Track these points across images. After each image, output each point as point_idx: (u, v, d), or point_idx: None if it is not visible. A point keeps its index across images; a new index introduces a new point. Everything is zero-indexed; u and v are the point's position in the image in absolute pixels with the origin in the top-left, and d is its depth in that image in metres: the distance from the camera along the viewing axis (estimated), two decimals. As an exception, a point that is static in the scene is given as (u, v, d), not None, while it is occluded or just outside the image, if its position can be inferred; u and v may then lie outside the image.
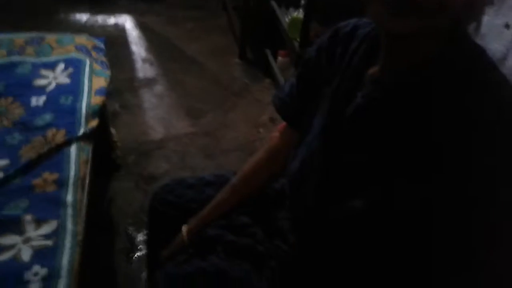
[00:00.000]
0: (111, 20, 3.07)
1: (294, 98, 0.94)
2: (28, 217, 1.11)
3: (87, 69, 1.59)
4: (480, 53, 0.66)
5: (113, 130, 1.95)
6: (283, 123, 1.23)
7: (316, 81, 0.86)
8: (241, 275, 0.92)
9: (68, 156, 1.28)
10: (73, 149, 1.30)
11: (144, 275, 1.57)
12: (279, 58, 2.48)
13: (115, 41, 2.79)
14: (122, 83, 2.46)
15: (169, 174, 1.96)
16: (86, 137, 1.36)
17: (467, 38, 0.66)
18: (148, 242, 1.25)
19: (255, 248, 0.97)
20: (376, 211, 0.70)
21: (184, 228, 1.05)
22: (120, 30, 2.96)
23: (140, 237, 1.73)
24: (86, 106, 1.44)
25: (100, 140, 1.77)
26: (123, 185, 1.92)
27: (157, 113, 2.32)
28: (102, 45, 1.78)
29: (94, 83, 1.55)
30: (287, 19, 2.27)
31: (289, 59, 2.42)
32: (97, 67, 1.63)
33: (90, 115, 1.42)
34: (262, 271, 0.94)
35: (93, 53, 1.70)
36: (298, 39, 2.08)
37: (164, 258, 1.07)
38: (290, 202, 0.95)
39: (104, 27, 2.98)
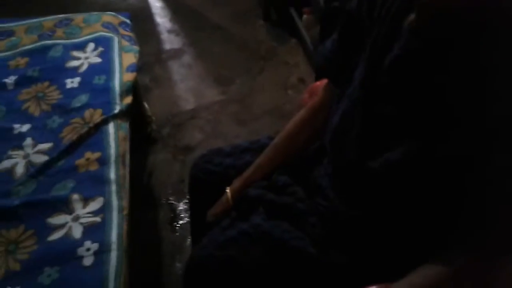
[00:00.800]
0: (134, -8, 3.06)
1: (337, 54, 0.94)
2: (75, 196, 1.17)
3: (116, 46, 1.61)
4: None
5: (146, 105, 1.99)
6: (312, 84, 1.24)
7: (358, 33, 0.86)
8: (282, 235, 0.95)
9: (107, 134, 1.32)
10: (111, 127, 1.34)
11: (189, 242, 1.64)
12: (304, 16, 2.42)
13: (139, 15, 2.79)
14: (151, 56, 2.48)
15: (203, 143, 2.00)
16: (122, 114, 1.39)
17: None
18: (192, 211, 1.29)
19: (295, 206, 0.99)
20: (412, 163, 0.72)
21: (228, 189, 1.09)
22: (143, 3, 2.95)
23: (182, 206, 1.80)
24: (119, 84, 1.47)
25: (135, 115, 1.82)
26: (160, 158, 1.98)
27: (187, 84, 2.34)
28: (128, 21, 1.79)
29: (124, 59, 1.58)
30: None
31: (314, 16, 2.36)
32: (125, 43, 1.65)
33: (124, 92, 1.45)
34: (304, 228, 0.96)
35: (120, 30, 1.71)
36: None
37: (210, 218, 1.11)
38: (331, 156, 0.96)
39: (127, 1, 2.98)
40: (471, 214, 0.69)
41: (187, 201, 1.77)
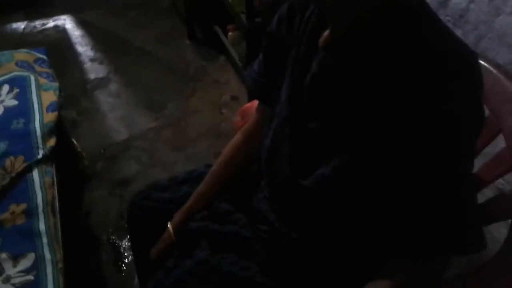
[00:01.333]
0: (50, 23, 2.92)
1: (263, 75, 0.94)
2: (3, 255, 1.07)
3: (33, 85, 1.51)
4: (421, 7, 0.66)
5: (75, 141, 1.89)
6: (243, 106, 1.22)
7: (281, 53, 0.86)
8: (230, 268, 0.92)
9: (32, 183, 1.23)
10: (35, 174, 1.25)
11: (136, 281, 1.56)
12: (230, 33, 2.42)
13: (58, 46, 2.67)
14: (75, 88, 2.38)
15: (141, 174, 1.93)
16: (46, 158, 1.30)
17: None
18: (135, 251, 1.23)
19: (239, 234, 0.96)
20: (343, 177, 0.72)
21: (170, 224, 1.04)
22: (61, 32, 2.83)
23: (125, 244, 1.71)
24: (40, 126, 1.37)
25: (63, 155, 1.72)
26: (96, 195, 1.88)
27: (117, 113, 2.25)
28: (44, 56, 1.69)
29: (44, 99, 1.48)
30: (230, -7, 2.21)
31: (239, 32, 2.37)
32: (43, 81, 1.56)
33: (46, 135, 1.36)
34: (251, 256, 0.94)
35: (37, 67, 1.62)
36: (245, 11, 2.03)
37: (154, 257, 1.06)
38: (266, 178, 0.95)
39: (44, 32, 2.84)
40: (410, 225, 0.69)
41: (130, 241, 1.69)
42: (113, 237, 1.73)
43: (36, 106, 1.44)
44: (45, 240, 1.11)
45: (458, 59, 0.63)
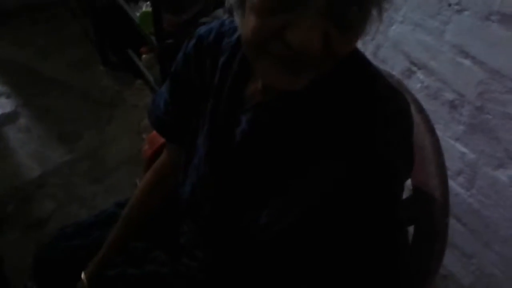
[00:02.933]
0: None
1: (171, 115, 0.87)
2: None
3: None
4: (354, 52, 0.66)
5: (-20, 184, 1.75)
6: (151, 134, 1.18)
7: (190, 94, 0.81)
8: None
9: None
10: None
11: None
12: (143, 56, 2.37)
13: (-43, 83, 2.49)
14: (-21, 126, 2.22)
15: (57, 212, 1.82)
16: None
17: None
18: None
19: (159, 273, 0.92)
20: (278, 223, 0.69)
21: (84, 275, 0.96)
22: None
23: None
24: None
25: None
26: (9, 239, 1.75)
27: (27, 150, 2.12)
28: None
29: None
30: (138, 14, 2.16)
31: (153, 54, 2.32)
32: None
33: None
34: None
35: None
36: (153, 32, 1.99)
37: None
38: (189, 217, 0.91)
39: None
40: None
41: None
42: (30, 284, 1.61)
43: None
44: None
45: (389, 105, 0.63)
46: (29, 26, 2.99)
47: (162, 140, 1.18)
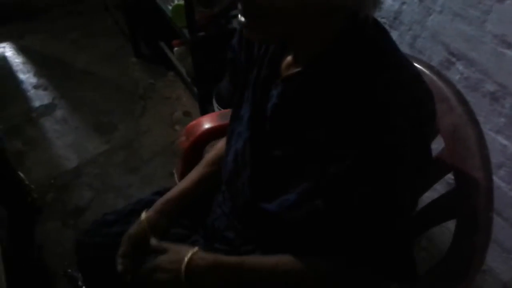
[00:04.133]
0: (-12, 52, 2.80)
1: (230, 91, 0.94)
2: None
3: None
4: (381, 36, 0.66)
5: (21, 174, 1.81)
6: (187, 125, 1.20)
7: (241, 68, 0.86)
8: None
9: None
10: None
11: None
12: (175, 49, 2.39)
13: (-1, 75, 2.57)
14: (19, 118, 2.28)
15: (95, 201, 1.87)
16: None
17: (367, 23, 0.64)
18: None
19: None
20: (308, 203, 0.71)
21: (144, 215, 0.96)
22: (1, 61, 2.72)
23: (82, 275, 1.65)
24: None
25: (9, 190, 1.65)
26: (49, 227, 1.80)
27: (65, 140, 2.18)
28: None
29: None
30: (169, 7, 2.18)
31: (185, 47, 2.34)
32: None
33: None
34: None
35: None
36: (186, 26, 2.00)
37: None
38: (227, 195, 0.93)
39: (-18, 62, 2.72)
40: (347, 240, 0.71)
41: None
42: (70, 270, 1.66)
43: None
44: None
45: (402, 93, 0.63)
46: (62, 20, 3.07)
47: (199, 131, 1.20)
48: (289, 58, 0.74)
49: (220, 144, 1.04)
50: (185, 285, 0.77)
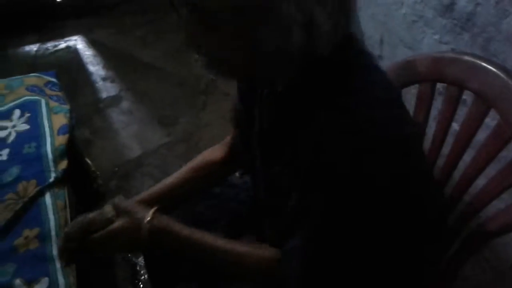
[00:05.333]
0: (62, 44, 2.96)
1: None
2: (18, 281, 1.07)
3: (44, 109, 1.53)
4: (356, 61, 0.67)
5: (88, 161, 1.90)
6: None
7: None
8: None
9: (45, 206, 1.23)
10: (47, 198, 1.25)
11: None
12: (238, 46, 2.42)
13: (70, 66, 2.71)
14: (88, 108, 2.40)
15: (155, 191, 1.93)
16: (58, 182, 1.31)
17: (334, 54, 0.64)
18: (149, 270, 1.23)
19: None
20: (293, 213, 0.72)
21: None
22: (72, 53, 2.87)
23: (141, 261, 1.71)
24: (52, 149, 1.39)
25: (77, 175, 1.73)
26: (111, 213, 1.88)
27: (129, 131, 2.27)
28: (54, 79, 1.71)
29: (55, 122, 1.50)
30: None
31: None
32: (54, 104, 1.58)
33: (58, 158, 1.37)
34: None
35: (47, 90, 1.63)
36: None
37: None
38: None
39: (55, 53, 2.88)
40: None
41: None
42: (129, 255, 1.73)
43: (47, 129, 1.45)
44: (58, 264, 1.11)
45: (348, 120, 0.62)
46: (129, 16, 3.19)
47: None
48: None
49: (207, 152, 1.12)
50: (147, 242, 0.79)
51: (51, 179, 1.30)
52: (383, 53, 1.64)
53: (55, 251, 1.14)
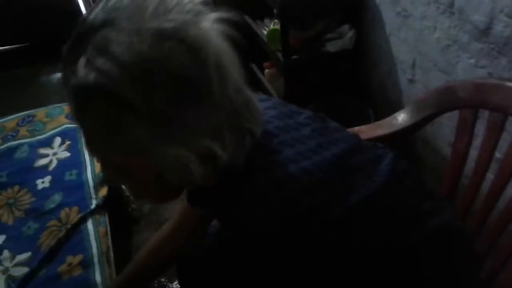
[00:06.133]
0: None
1: None
2: (62, 307, 1.10)
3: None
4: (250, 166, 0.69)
5: (122, 185, 1.94)
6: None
7: None
8: None
9: (87, 233, 1.26)
10: (89, 224, 1.29)
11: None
12: (266, 70, 2.45)
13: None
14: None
15: (188, 215, 1.94)
16: (99, 208, 1.34)
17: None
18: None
19: None
20: None
21: None
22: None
23: (175, 285, 1.72)
24: (93, 176, 1.43)
25: (113, 202, 1.77)
26: (145, 236, 1.90)
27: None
28: (91, 106, 1.76)
29: (94, 149, 1.54)
30: (264, 31, 2.25)
31: (275, 69, 2.40)
32: (92, 131, 1.62)
33: (98, 185, 1.41)
34: None
35: (85, 118, 1.68)
36: (280, 49, 2.06)
37: None
38: None
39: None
40: None
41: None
42: (163, 280, 1.74)
43: (87, 156, 1.50)
44: (101, 290, 1.13)
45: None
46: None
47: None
48: None
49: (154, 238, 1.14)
50: None
51: (93, 206, 1.33)
52: (415, 77, 1.64)
53: (98, 278, 1.16)
